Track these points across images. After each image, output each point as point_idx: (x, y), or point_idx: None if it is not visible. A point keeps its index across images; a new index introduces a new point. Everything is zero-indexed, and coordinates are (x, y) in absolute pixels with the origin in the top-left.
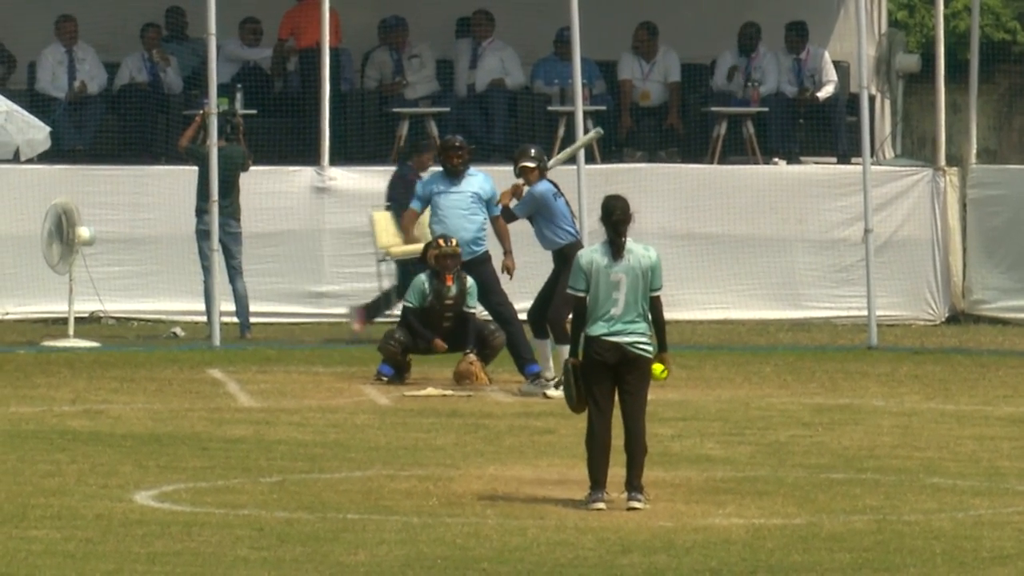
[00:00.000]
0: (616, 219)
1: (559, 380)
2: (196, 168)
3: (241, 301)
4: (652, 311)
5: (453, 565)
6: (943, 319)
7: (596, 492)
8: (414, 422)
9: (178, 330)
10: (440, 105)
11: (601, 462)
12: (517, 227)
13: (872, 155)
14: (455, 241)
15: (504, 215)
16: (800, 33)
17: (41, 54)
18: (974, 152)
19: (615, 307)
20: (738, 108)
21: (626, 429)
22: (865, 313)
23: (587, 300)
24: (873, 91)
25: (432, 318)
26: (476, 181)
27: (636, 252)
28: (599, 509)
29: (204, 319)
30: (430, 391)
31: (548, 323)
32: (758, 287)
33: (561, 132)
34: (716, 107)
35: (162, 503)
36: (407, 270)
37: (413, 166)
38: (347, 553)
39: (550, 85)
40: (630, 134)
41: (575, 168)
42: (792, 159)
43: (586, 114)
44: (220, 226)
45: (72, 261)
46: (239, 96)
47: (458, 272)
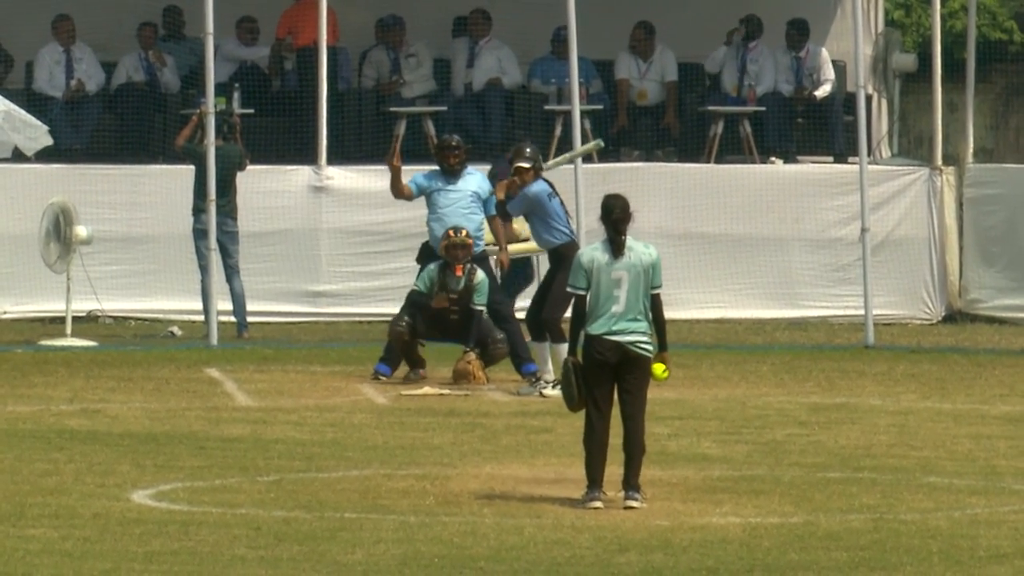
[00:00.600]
0: (616, 217)
1: (557, 380)
2: (193, 167)
3: (238, 300)
4: (653, 309)
5: (450, 564)
6: (939, 318)
7: (593, 491)
8: (411, 421)
9: (175, 329)
10: (437, 104)
11: (599, 461)
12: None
13: (869, 154)
14: (465, 232)
15: (499, 212)
16: (801, 31)
17: (38, 53)
18: (971, 151)
19: (616, 305)
20: (735, 107)
21: (625, 428)
22: (862, 312)
23: (588, 298)
24: (870, 90)
25: (438, 311)
26: (474, 180)
27: (637, 250)
28: (596, 508)
29: (201, 318)
30: (427, 390)
31: (543, 323)
32: (755, 286)
33: (558, 131)
34: (713, 106)
35: (159, 502)
36: (514, 269)
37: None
38: (344, 552)
39: (547, 84)
40: (627, 133)
41: (572, 168)
42: (789, 158)
43: (583, 113)
44: (217, 225)
45: (69, 260)
46: (236, 95)
47: (469, 266)
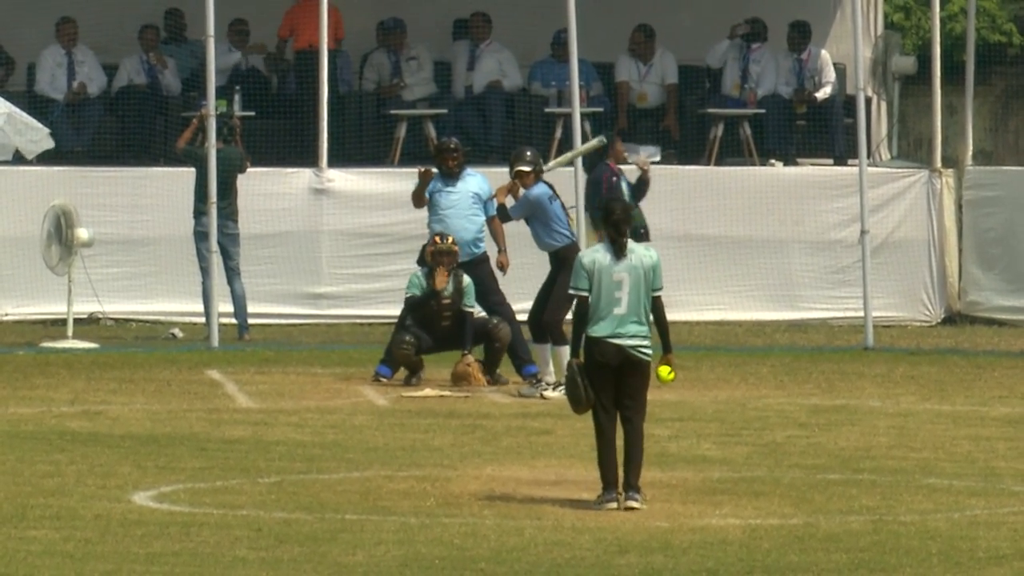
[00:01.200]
0: (616, 219)
1: (558, 382)
2: (194, 170)
3: (239, 302)
4: (654, 312)
5: (451, 565)
6: (939, 320)
7: (609, 492)
8: (412, 423)
9: (177, 331)
10: (438, 107)
11: (612, 462)
12: (515, 229)
13: (868, 157)
14: (451, 239)
15: (499, 215)
16: (803, 33)
17: (40, 56)
18: (970, 154)
19: (618, 307)
20: (735, 110)
21: (624, 432)
22: (861, 314)
23: (589, 300)
24: (869, 93)
25: (430, 318)
26: (475, 182)
27: (638, 252)
28: (613, 509)
29: (202, 320)
30: (428, 392)
31: (544, 325)
32: (755, 288)
33: (558, 134)
34: (713, 108)
35: (160, 504)
36: None
37: (610, 163)
38: (345, 553)
39: (547, 87)
40: (627, 135)
41: (573, 170)
42: (789, 161)
43: (583, 116)
44: (218, 227)
45: (71, 262)
46: (237, 98)
47: (454, 270)
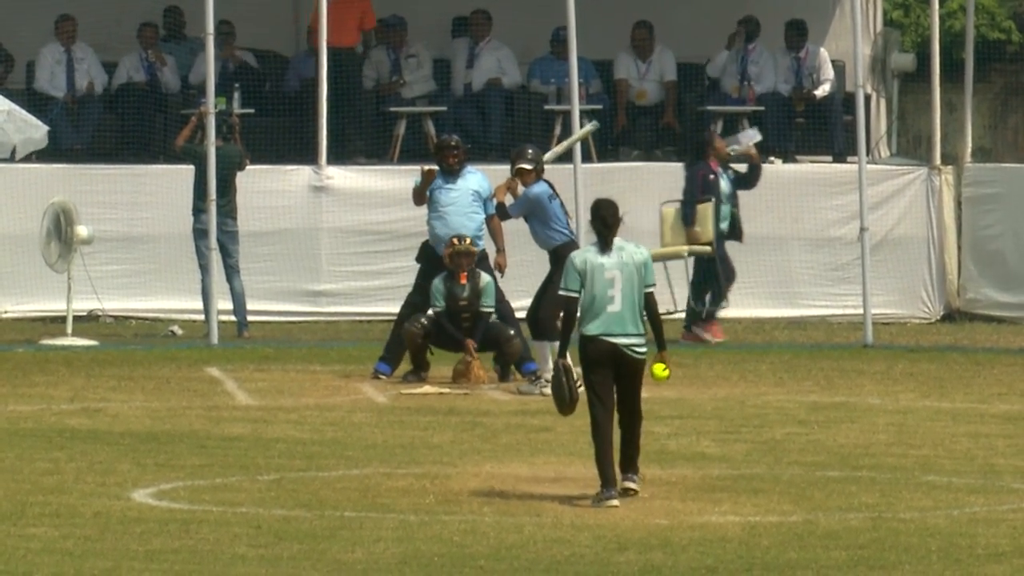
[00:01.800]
0: (603, 215)
1: (546, 380)
2: (193, 167)
3: (239, 300)
4: (647, 308)
5: (450, 562)
6: (938, 317)
7: (609, 489)
8: (411, 420)
9: (176, 328)
10: (437, 104)
11: (609, 456)
12: (514, 226)
13: (868, 154)
14: (469, 240)
15: (498, 213)
16: (800, 31)
17: (40, 53)
18: (969, 151)
19: (612, 304)
20: (734, 107)
21: (621, 431)
22: (861, 311)
23: (580, 300)
24: (869, 90)
25: (451, 320)
26: (475, 179)
27: (628, 249)
28: (613, 507)
29: (202, 318)
30: (427, 389)
31: (540, 321)
32: (754, 285)
33: (557, 131)
34: (712, 106)
35: (160, 501)
36: (700, 267)
37: (711, 162)
38: (344, 551)
39: (547, 84)
40: (626, 133)
41: (571, 167)
42: (788, 158)
43: (582, 113)
44: (217, 225)
45: (70, 260)
46: (236, 96)
47: (472, 271)
